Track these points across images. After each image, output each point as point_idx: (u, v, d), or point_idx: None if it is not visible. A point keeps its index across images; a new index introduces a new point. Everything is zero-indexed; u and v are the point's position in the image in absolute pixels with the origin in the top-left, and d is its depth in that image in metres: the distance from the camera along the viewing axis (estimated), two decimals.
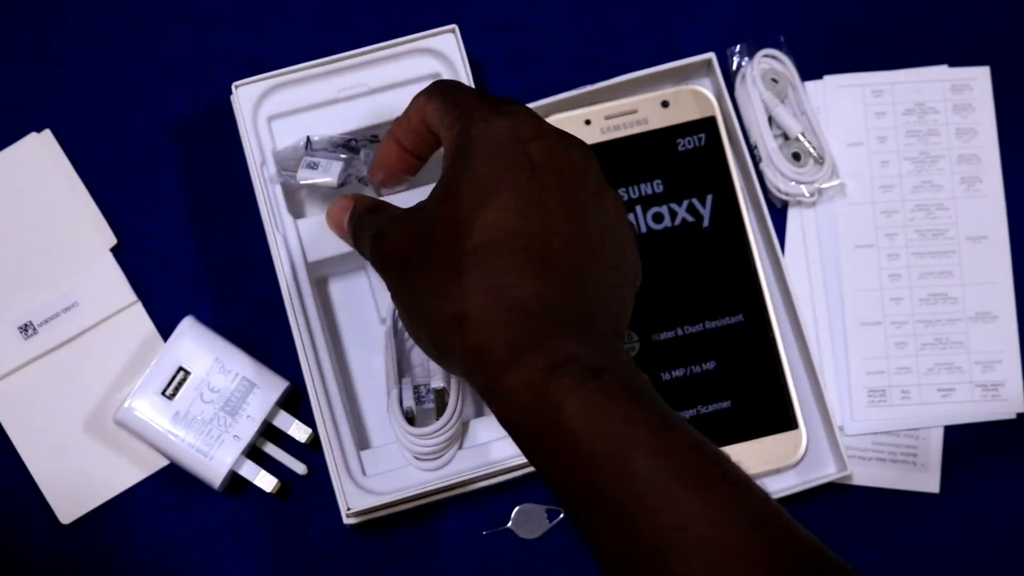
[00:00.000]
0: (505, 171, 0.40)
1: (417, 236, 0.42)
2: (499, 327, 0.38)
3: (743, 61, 0.62)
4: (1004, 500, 0.60)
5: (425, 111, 0.46)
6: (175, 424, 0.56)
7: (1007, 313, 0.61)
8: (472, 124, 0.42)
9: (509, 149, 0.41)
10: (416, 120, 0.46)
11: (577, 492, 0.36)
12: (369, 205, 0.48)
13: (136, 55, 0.63)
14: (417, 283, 0.41)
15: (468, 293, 0.39)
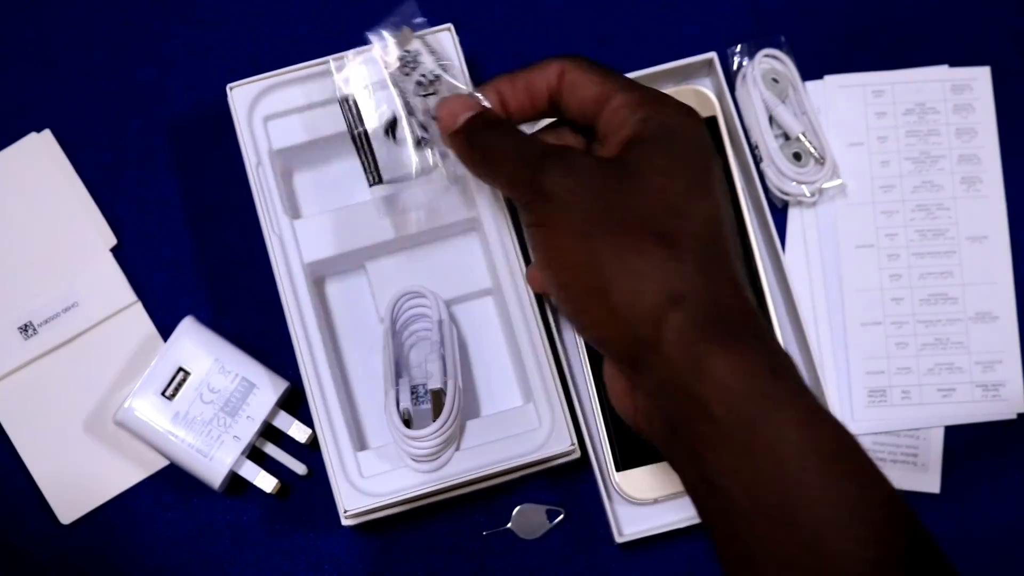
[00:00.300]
0: (708, 162, 0.43)
1: (625, 203, 0.41)
2: (717, 310, 0.39)
3: (744, 61, 0.62)
4: (1004, 500, 0.60)
5: (570, 80, 0.45)
6: (175, 424, 0.56)
7: (1007, 313, 0.61)
8: (668, 112, 0.43)
9: (706, 143, 0.43)
10: (541, 84, 0.46)
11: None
12: (505, 122, 0.46)
13: (136, 55, 0.63)
14: (617, 250, 0.40)
15: (689, 276, 0.40)
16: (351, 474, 0.55)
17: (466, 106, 0.46)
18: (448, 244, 0.59)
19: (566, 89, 0.45)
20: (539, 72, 0.45)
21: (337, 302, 0.60)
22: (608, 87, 0.44)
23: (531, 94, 0.46)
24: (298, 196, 0.60)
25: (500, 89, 0.47)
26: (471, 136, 0.45)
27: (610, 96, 0.43)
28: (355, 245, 0.57)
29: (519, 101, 0.46)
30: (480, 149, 0.45)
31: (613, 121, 0.43)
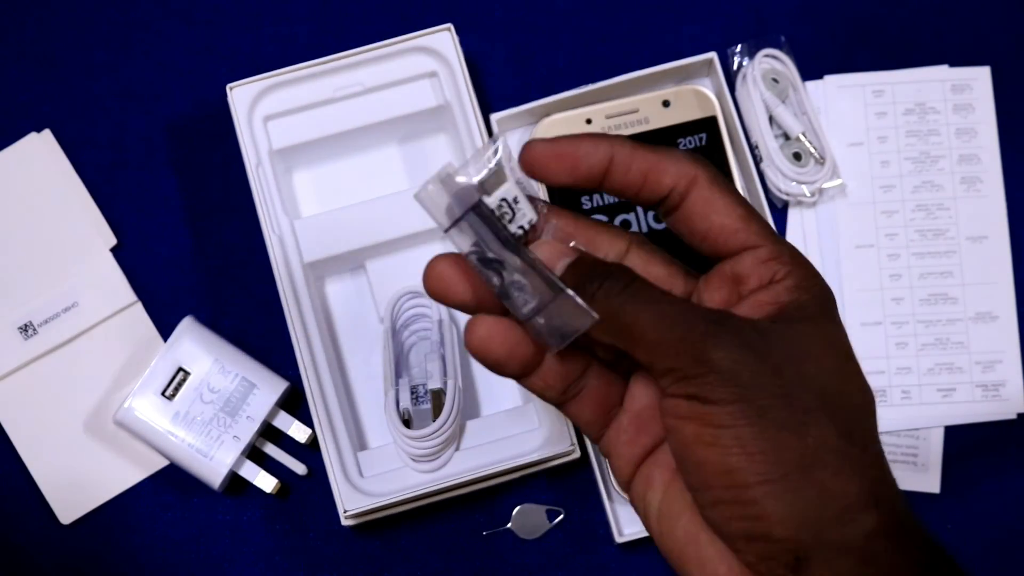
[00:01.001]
0: (847, 338, 0.38)
1: (804, 386, 0.35)
2: (899, 512, 0.36)
3: (744, 61, 0.62)
4: (1004, 500, 0.60)
5: (704, 197, 0.37)
6: (175, 424, 0.56)
7: (1007, 313, 0.61)
8: (819, 280, 0.37)
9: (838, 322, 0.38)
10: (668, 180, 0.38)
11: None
12: (637, 279, 0.36)
13: (136, 55, 0.63)
14: (803, 439, 0.35)
15: (876, 475, 0.35)
16: (351, 474, 0.55)
17: (561, 253, 0.37)
18: (448, 244, 0.59)
19: (695, 204, 0.37)
20: (669, 163, 0.38)
21: (337, 302, 0.60)
22: (752, 228, 0.37)
23: (647, 181, 0.38)
24: (298, 196, 0.60)
25: (616, 153, 0.38)
26: (595, 290, 0.36)
27: (754, 241, 0.37)
28: (355, 245, 0.57)
29: (629, 180, 0.38)
30: (612, 308, 0.35)
31: (759, 274, 0.37)
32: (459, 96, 0.58)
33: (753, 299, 0.37)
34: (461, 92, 0.58)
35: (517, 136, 0.62)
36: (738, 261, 0.37)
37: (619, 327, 0.35)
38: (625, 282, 0.35)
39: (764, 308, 0.36)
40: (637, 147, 0.38)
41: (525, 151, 0.37)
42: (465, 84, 0.58)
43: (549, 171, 0.37)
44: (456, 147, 0.59)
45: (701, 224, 0.38)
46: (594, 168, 0.37)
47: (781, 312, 0.36)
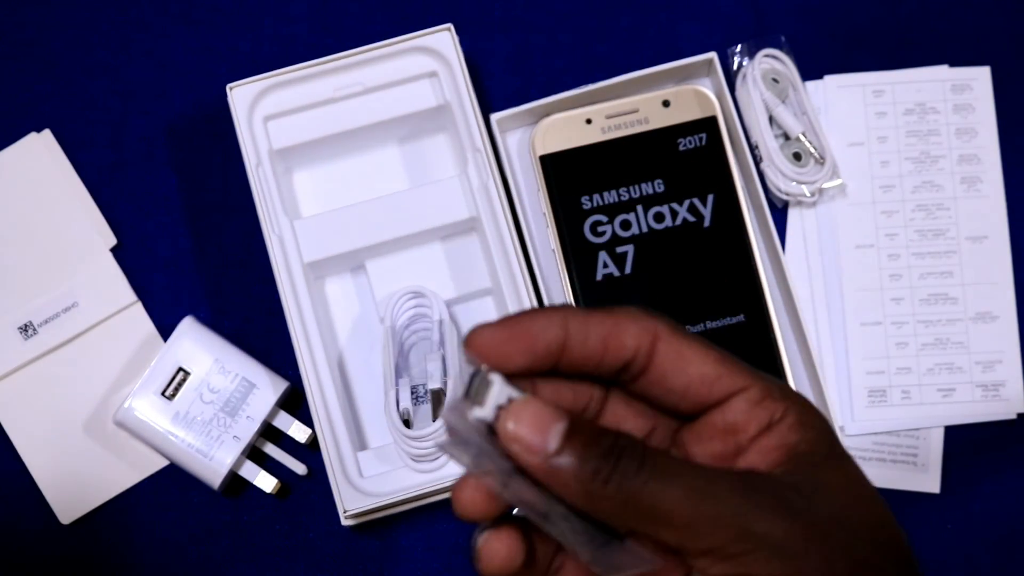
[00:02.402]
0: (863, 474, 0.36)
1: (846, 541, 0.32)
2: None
3: (744, 61, 0.62)
4: (1004, 500, 0.60)
5: (672, 350, 0.34)
6: (175, 424, 0.56)
7: (1007, 313, 0.61)
8: (814, 411, 0.35)
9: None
10: (629, 341, 0.34)
11: None
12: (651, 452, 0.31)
13: (135, 55, 0.63)
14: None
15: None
16: (351, 474, 0.55)
17: (549, 416, 0.31)
18: (448, 244, 0.59)
19: (664, 359, 0.34)
20: (627, 323, 0.34)
21: (337, 302, 0.60)
22: (734, 370, 0.34)
23: (608, 348, 0.34)
24: (298, 196, 0.60)
25: (569, 325, 0.33)
26: (607, 475, 0.31)
27: (741, 383, 0.34)
28: (355, 245, 0.57)
29: (588, 351, 0.34)
30: (631, 492, 0.31)
31: (756, 419, 0.34)
32: (459, 96, 0.58)
33: (757, 447, 0.33)
34: (461, 92, 0.58)
35: (517, 136, 0.62)
36: (728, 409, 0.34)
37: (642, 512, 0.30)
38: (639, 459, 0.31)
39: (772, 455, 0.33)
40: (590, 314, 0.34)
41: (471, 339, 0.32)
42: (465, 84, 0.58)
43: (504, 356, 0.32)
44: (456, 147, 0.59)
45: (678, 380, 0.34)
46: (551, 344, 0.33)
47: (792, 456, 0.33)
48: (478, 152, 0.58)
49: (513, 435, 0.31)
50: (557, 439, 0.30)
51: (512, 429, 0.31)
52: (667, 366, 0.34)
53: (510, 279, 0.57)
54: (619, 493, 0.30)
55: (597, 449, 0.30)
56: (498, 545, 0.33)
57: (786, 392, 0.34)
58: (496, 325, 0.33)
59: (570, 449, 0.30)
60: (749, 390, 0.34)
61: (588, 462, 0.30)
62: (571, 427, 0.31)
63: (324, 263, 0.58)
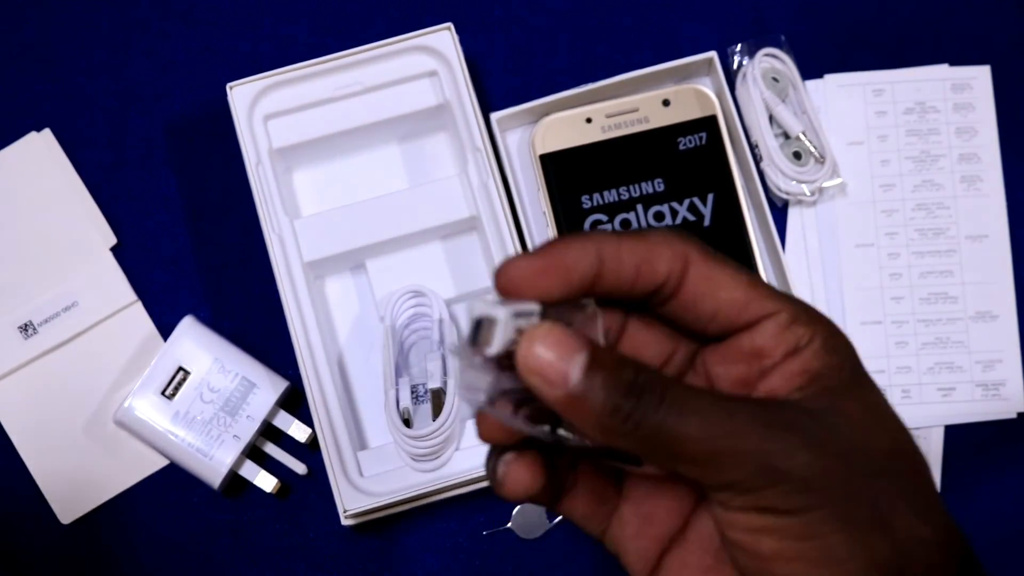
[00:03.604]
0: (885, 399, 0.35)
1: (868, 468, 0.32)
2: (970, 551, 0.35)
3: (744, 60, 0.62)
4: (1004, 500, 0.60)
5: (702, 274, 0.34)
6: (175, 424, 0.56)
7: (1007, 312, 0.61)
8: (841, 335, 0.34)
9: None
10: (660, 267, 0.33)
11: None
12: (668, 381, 0.31)
13: (135, 55, 0.63)
14: (886, 531, 0.32)
15: (955, 536, 0.34)
16: (351, 474, 0.55)
17: (569, 346, 0.30)
18: (448, 244, 0.59)
19: (694, 284, 0.33)
20: (660, 248, 0.33)
21: (337, 302, 0.60)
22: (764, 294, 0.34)
23: (641, 273, 0.33)
24: (298, 196, 0.60)
25: (603, 252, 0.33)
26: (629, 411, 0.30)
27: (771, 307, 0.34)
28: (355, 245, 0.57)
29: (622, 277, 0.33)
30: (651, 429, 0.30)
31: (784, 343, 0.33)
32: (459, 95, 0.58)
33: (780, 371, 0.33)
34: (461, 91, 0.58)
35: (517, 135, 0.62)
36: (757, 332, 0.33)
37: (661, 448, 0.30)
38: (661, 394, 0.30)
39: (795, 379, 0.33)
40: (623, 238, 0.33)
41: (503, 271, 0.32)
42: (465, 84, 0.58)
43: (538, 288, 0.32)
44: (456, 146, 0.59)
45: (708, 304, 0.34)
46: (586, 272, 0.32)
47: (814, 381, 0.33)
48: (478, 151, 0.58)
49: (531, 366, 0.30)
50: (579, 370, 0.29)
51: (529, 358, 0.30)
52: (697, 290, 0.33)
53: None
54: (639, 430, 0.30)
55: (618, 384, 0.30)
56: (521, 472, 0.33)
57: (814, 316, 0.34)
58: (530, 256, 0.32)
59: (590, 382, 0.29)
60: (779, 314, 0.33)
61: (609, 397, 0.30)
62: (592, 357, 0.30)
63: (324, 262, 0.58)
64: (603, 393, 0.29)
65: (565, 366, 0.29)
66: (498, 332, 0.30)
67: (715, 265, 0.34)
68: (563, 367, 0.29)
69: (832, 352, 0.33)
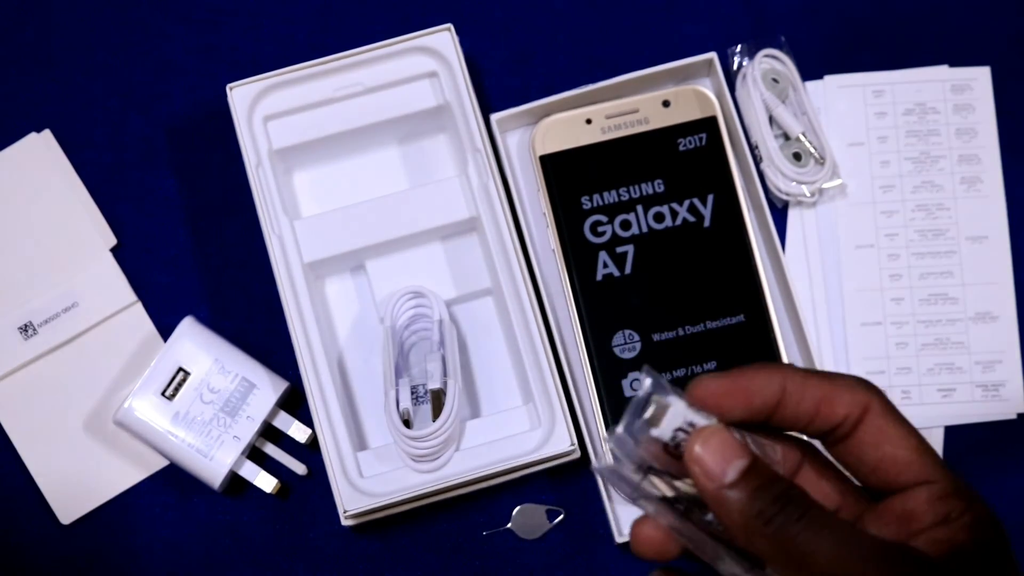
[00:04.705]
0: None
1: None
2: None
3: (744, 61, 0.62)
4: (1004, 500, 0.60)
5: (878, 427, 0.36)
6: (175, 424, 0.56)
7: (1007, 313, 0.61)
8: (992, 519, 0.36)
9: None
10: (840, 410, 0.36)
11: None
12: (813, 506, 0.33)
13: (135, 55, 0.63)
14: None
15: None
16: (351, 474, 0.55)
17: (733, 451, 0.33)
18: (448, 244, 0.59)
19: (868, 433, 0.36)
20: (843, 392, 0.36)
21: (337, 302, 0.60)
22: (927, 461, 0.36)
23: (819, 412, 0.36)
24: (298, 196, 0.61)
25: (788, 385, 0.36)
26: (771, 517, 0.33)
27: (929, 475, 0.35)
28: (355, 245, 0.57)
29: (801, 412, 0.36)
30: (787, 537, 0.32)
31: (934, 511, 0.35)
32: (459, 96, 0.58)
33: (926, 536, 0.34)
34: (461, 92, 0.58)
35: (517, 136, 0.62)
36: (911, 496, 0.35)
37: (793, 558, 0.33)
38: (803, 510, 0.33)
39: (939, 547, 0.34)
40: (809, 376, 0.36)
41: (697, 388, 0.35)
42: (465, 84, 0.58)
43: (722, 407, 0.35)
44: (456, 147, 0.59)
45: (873, 454, 0.36)
46: (768, 401, 0.36)
47: (958, 552, 0.34)
48: (478, 152, 0.58)
49: (697, 457, 0.33)
50: (736, 472, 0.33)
51: (698, 451, 0.33)
52: (868, 439, 0.36)
53: (510, 279, 0.57)
54: (776, 535, 0.32)
55: (768, 492, 0.33)
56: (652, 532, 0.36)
57: (972, 494, 0.36)
58: (719, 378, 0.36)
59: (744, 485, 0.33)
60: (936, 484, 0.35)
61: (757, 501, 0.33)
62: (751, 465, 0.33)
63: (324, 263, 0.58)
64: (754, 495, 0.33)
65: (726, 464, 0.33)
66: (668, 416, 0.33)
67: (891, 420, 0.36)
68: (724, 464, 0.33)
69: (982, 531, 0.35)
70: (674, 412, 0.33)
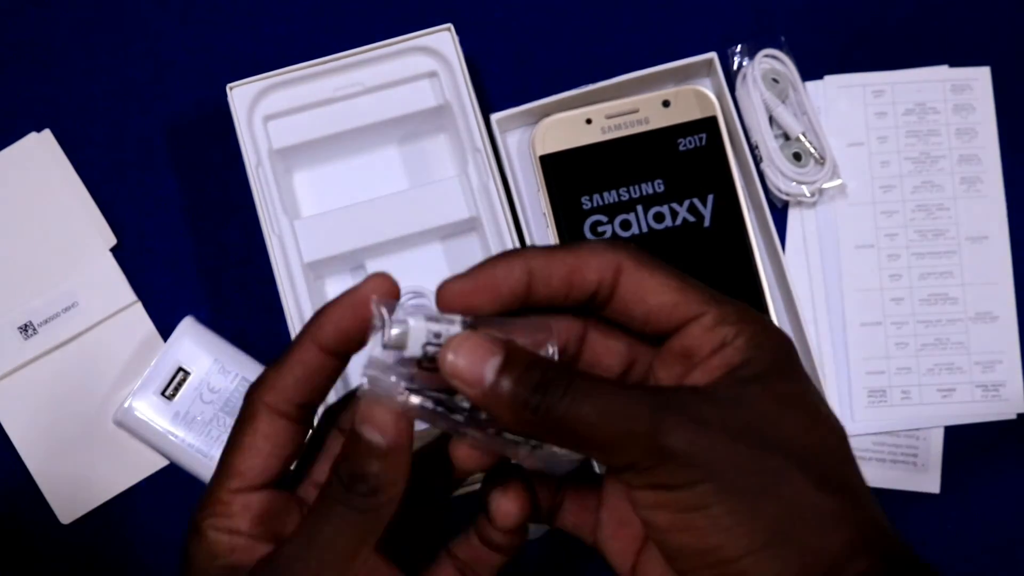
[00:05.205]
0: (810, 385, 0.36)
1: (769, 448, 0.34)
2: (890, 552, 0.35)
3: (744, 61, 0.62)
4: (1004, 500, 0.60)
5: (633, 281, 0.36)
6: (175, 424, 0.56)
7: (1007, 313, 0.61)
8: (771, 334, 0.36)
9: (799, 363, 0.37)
10: (591, 275, 0.36)
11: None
12: (575, 374, 0.34)
13: (135, 55, 0.63)
14: (780, 505, 0.34)
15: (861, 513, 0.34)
16: None
17: (486, 350, 0.33)
18: (448, 245, 0.59)
19: (626, 290, 0.36)
20: (589, 259, 0.36)
21: None
22: (691, 297, 0.36)
23: (572, 284, 0.36)
24: (298, 196, 0.60)
25: (532, 266, 0.36)
26: (536, 405, 0.33)
27: (695, 310, 0.36)
28: (355, 245, 0.57)
29: (553, 289, 0.36)
30: (556, 418, 0.33)
31: (707, 341, 0.35)
32: (459, 96, 0.58)
33: (704, 367, 0.35)
34: (461, 92, 0.58)
35: (517, 136, 0.62)
36: (685, 335, 0.36)
37: (568, 434, 0.33)
38: (564, 386, 0.33)
39: (714, 373, 0.35)
40: (552, 252, 0.36)
41: (442, 292, 0.35)
42: (465, 84, 0.58)
43: (472, 305, 0.35)
44: (456, 147, 0.59)
45: (639, 309, 0.36)
46: (516, 287, 0.35)
47: (730, 373, 0.35)
48: (478, 152, 0.58)
49: (451, 366, 0.33)
50: (493, 371, 0.33)
51: (451, 359, 0.33)
52: (629, 296, 0.36)
53: None
54: (547, 420, 0.33)
55: (527, 381, 0.33)
56: (508, 504, 0.38)
57: (743, 316, 0.36)
58: (462, 277, 0.35)
59: (502, 381, 0.33)
60: (704, 316, 0.35)
61: (519, 394, 0.33)
62: (506, 359, 0.33)
63: (324, 263, 0.58)
64: (514, 389, 0.32)
65: (480, 368, 0.33)
66: (412, 337, 0.33)
67: (645, 271, 0.36)
68: (478, 369, 0.33)
69: (756, 348, 0.35)
70: (415, 328, 0.33)
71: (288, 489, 0.38)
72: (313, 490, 0.38)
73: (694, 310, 0.36)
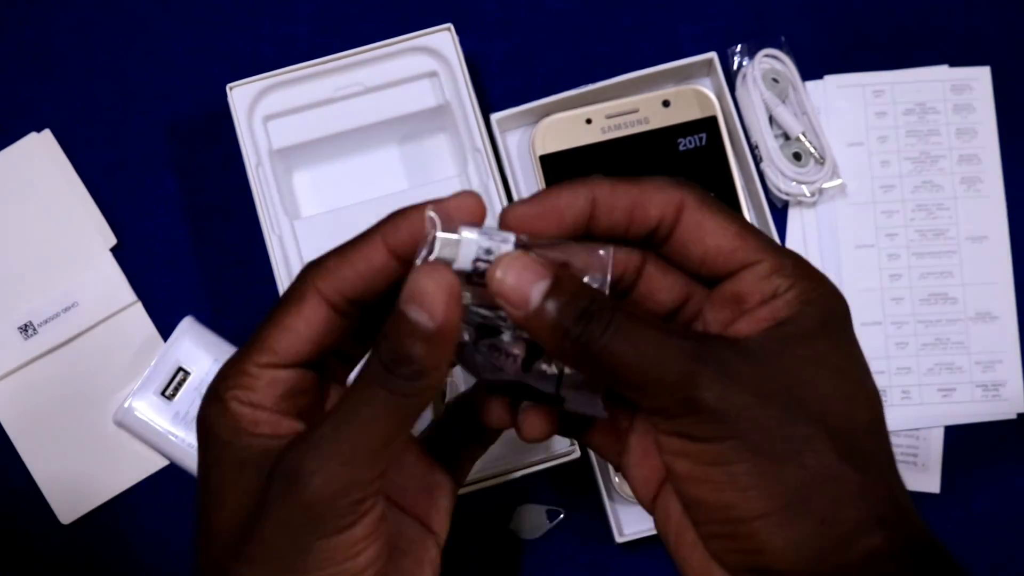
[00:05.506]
0: (862, 355, 0.36)
1: (802, 412, 0.33)
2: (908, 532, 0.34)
3: (744, 61, 0.62)
4: (1004, 500, 0.60)
5: (695, 221, 0.35)
6: (175, 424, 0.56)
7: (1007, 313, 0.61)
8: (827, 293, 0.35)
9: (852, 331, 0.37)
10: (654, 210, 0.35)
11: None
12: (618, 309, 0.33)
13: (135, 55, 0.63)
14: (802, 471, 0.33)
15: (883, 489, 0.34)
16: None
17: (535, 272, 0.33)
18: None
19: (686, 228, 0.35)
20: (653, 193, 0.35)
21: None
22: (750, 244, 0.35)
23: (634, 217, 0.36)
24: (298, 196, 0.60)
25: (596, 195, 0.36)
26: (577, 335, 0.33)
27: (753, 257, 0.35)
28: None
29: (615, 220, 0.36)
30: (594, 352, 0.33)
31: (758, 290, 0.35)
32: (459, 96, 0.58)
33: (751, 316, 0.35)
34: (461, 92, 0.58)
35: (517, 136, 0.62)
36: (738, 280, 0.35)
37: (605, 370, 0.33)
38: (607, 321, 0.33)
39: (759, 324, 0.34)
40: (617, 183, 0.36)
41: (508, 215, 0.35)
42: (465, 84, 0.58)
43: (536, 229, 0.35)
44: (456, 147, 0.59)
45: (696, 249, 0.36)
46: (579, 216, 0.35)
47: (777, 327, 0.34)
48: (478, 152, 0.58)
49: (499, 282, 0.33)
50: (539, 294, 0.33)
51: (499, 276, 0.33)
52: (688, 236, 0.36)
53: None
54: (586, 352, 0.33)
55: (572, 309, 0.33)
56: (534, 418, 0.37)
57: (800, 269, 0.35)
58: (528, 202, 0.35)
59: (548, 305, 0.33)
60: (759, 264, 0.35)
61: (562, 321, 0.33)
62: (554, 284, 0.33)
63: None
64: (558, 315, 0.32)
65: (527, 290, 0.33)
66: (463, 249, 0.33)
67: (707, 212, 0.35)
68: (525, 290, 0.33)
69: (806, 304, 0.34)
70: (467, 241, 0.33)
71: (316, 371, 0.37)
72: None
73: (751, 256, 0.35)
